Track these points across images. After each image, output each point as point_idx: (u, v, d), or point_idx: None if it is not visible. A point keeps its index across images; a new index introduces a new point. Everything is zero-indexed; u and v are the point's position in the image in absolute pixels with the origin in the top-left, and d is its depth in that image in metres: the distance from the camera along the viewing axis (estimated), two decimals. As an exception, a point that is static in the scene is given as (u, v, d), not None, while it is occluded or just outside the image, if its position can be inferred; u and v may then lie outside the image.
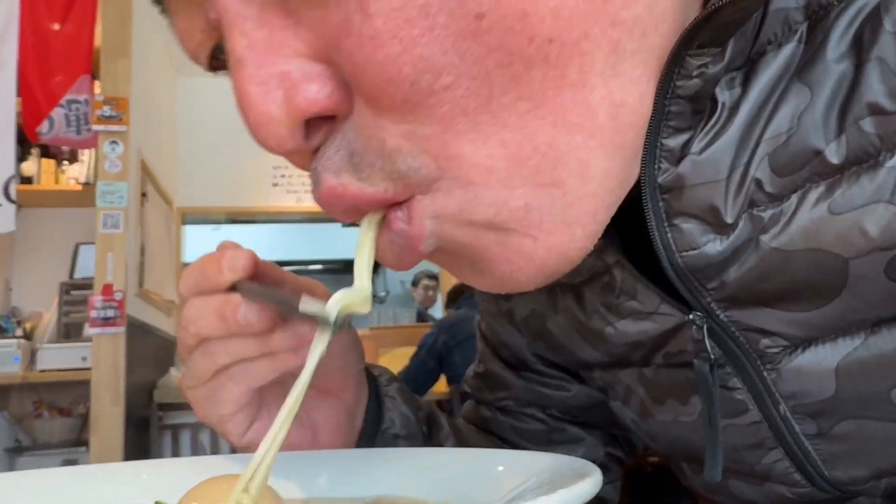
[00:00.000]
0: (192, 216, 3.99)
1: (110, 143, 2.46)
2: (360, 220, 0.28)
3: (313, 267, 5.87)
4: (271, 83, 0.25)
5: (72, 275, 3.12)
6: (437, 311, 4.24)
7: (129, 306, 2.45)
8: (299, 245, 5.68)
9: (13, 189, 2.08)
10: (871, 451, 0.33)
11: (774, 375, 0.33)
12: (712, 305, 0.32)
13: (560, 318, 0.43)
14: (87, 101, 2.52)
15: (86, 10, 2.54)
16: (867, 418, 0.32)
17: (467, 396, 0.58)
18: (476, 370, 0.56)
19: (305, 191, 3.95)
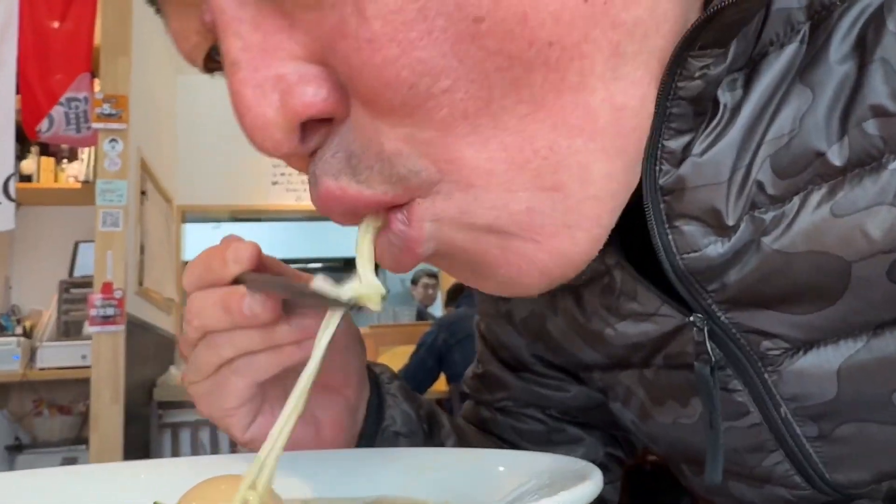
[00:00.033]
0: (191, 214, 3.99)
1: (110, 141, 2.46)
2: (358, 222, 0.28)
3: (312, 265, 5.87)
4: (267, 86, 0.25)
5: (71, 273, 3.12)
6: (437, 310, 4.24)
7: (128, 304, 2.45)
8: (299, 243, 5.68)
9: (13, 187, 2.08)
10: (872, 455, 0.33)
11: (775, 377, 0.33)
12: (713, 307, 0.32)
13: (559, 320, 0.42)
14: (86, 99, 2.51)
15: (85, 7, 2.53)
16: (869, 421, 0.32)
17: (466, 397, 0.58)
18: (475, 371, 0.56)
19: (305, 189, 3.92)
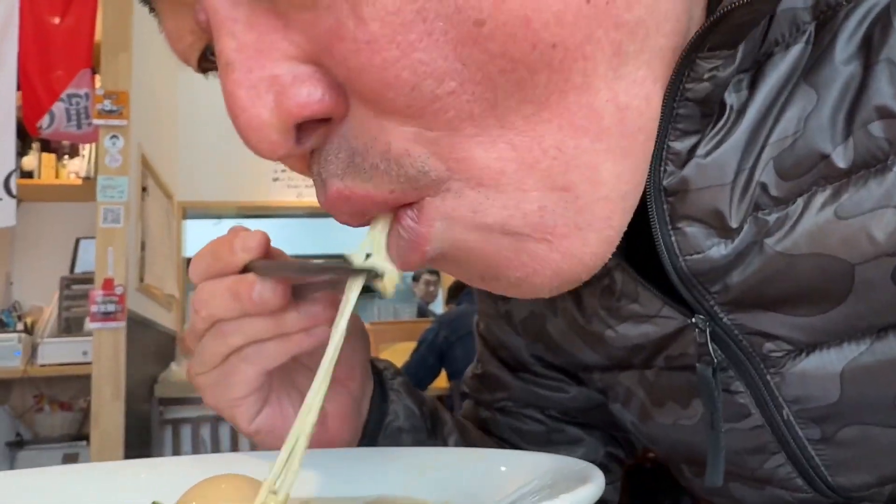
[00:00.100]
0: (192, 210, 3.99)
1: (111, 137, 2.46)
2: (365, 223, 0.28)
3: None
4: (261, 87, 0.24)
5: (72, 269, 3.12)
6: (438, 307, 4.23)
7: (129, 301, 2.45)
8: (300, 239, 5.66)
9: (14, 183, 2.08)
10: (875, 458, 0.33)
11: (778, 379, 0.32)
12: (715, 309, 0.32)
13: (559, 321, 0.42)
14: (87, 95, 2.51)
15: (86, 4, 2.53)
16: (872, 424, 0.32)
17: (466, 396, 0.58)
18: (475, 371, 0.56)
19: (306, 185, 3.94)
